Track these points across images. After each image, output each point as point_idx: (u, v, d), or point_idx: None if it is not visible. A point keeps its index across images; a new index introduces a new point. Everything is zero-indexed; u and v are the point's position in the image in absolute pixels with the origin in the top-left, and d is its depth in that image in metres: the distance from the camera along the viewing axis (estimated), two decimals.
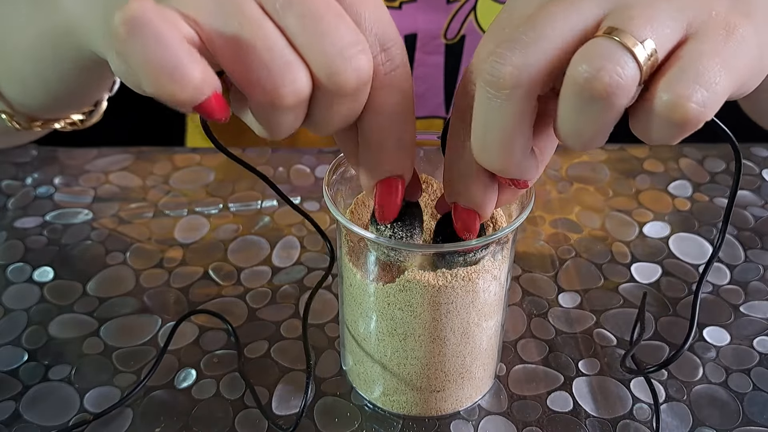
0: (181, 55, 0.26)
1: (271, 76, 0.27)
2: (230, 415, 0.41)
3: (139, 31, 0.25)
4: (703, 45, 0.27)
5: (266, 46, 0.27)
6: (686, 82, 0.26)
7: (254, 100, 0.28)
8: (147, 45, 0.25)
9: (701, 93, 0.26)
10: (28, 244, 0.53)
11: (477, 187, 0.31)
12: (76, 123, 0.50)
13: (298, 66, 0.27)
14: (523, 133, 0.28)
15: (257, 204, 0.56)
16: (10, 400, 0.41)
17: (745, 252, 0.53)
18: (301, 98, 0.28)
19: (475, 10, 0.61)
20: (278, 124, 0.29)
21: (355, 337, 0.39)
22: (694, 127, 0.26)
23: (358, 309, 0.38)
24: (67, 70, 0.41)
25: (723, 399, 0.42)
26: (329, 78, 0.28)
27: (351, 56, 0.28)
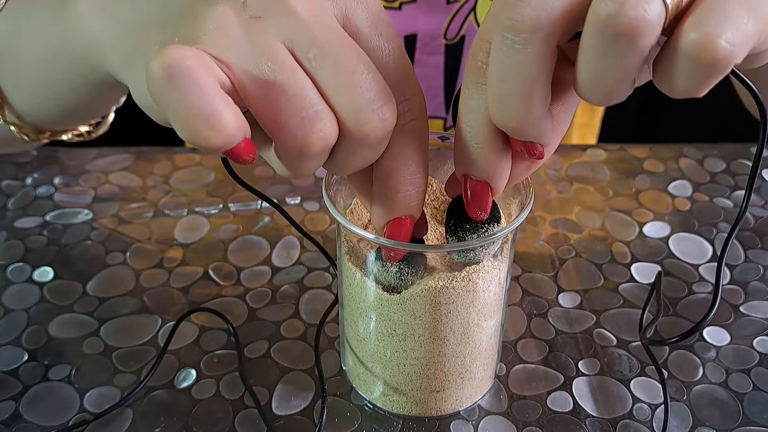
0: (217, 102, 0.26)
1: (302, 123, 0.28)
2: (230, 415, 0.41)
3: (177, 78, 0.26)
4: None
5: (298, 94, 0.28)
6: (715, 20, 0.25)
7: (281, 145, 0.29)
8: (184, 92, 0.26)
9: (731, 32, 0.25)
10: (28, 244, 0.53)
11: (490, 154, 0.31)
12: (83, 134, 0.50)
13: (327, 115, 0.28)
14: (543, 83, 0.27)
15: (257, 204, 0.56)
16: (10, 400, 0.41)
17: (745, 252, 0.53)
18: (327, 145, 0.29)
19: (474, 11, 0.61)
20: (301, 167, 0.30)
21: (355, 337, 0.39)
22: (723, 70, 0.25)
23: (358, 309, 0.38)
24: (80, 87, 0.41)
25: (723, 399, 0.42)
26: (357, 128, 0.28)
27: (378, 108, 0.28)
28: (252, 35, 0.28)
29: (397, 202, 0.32)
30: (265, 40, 0.28)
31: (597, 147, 0.63)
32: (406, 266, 0.35)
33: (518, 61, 0.27)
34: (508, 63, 0.27)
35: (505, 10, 0.27)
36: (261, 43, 0.28)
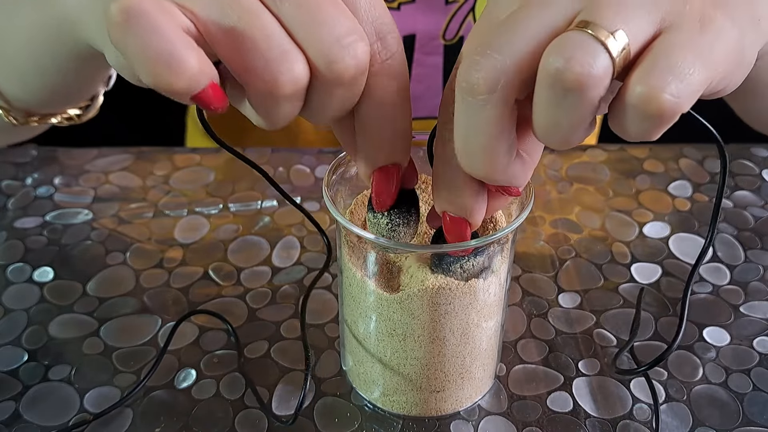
0: (177, 43, 0.26)
1: (269, 65, 0.27)
2: (230, 415, 0.41)
3: (136, 20, 0.25)
4: (677, 37, 0.27)
5: (264, 36, 0.27)
6: (659, 73, 0.26)
7: (252, 89, 0.28)
8: (143, 35, 0.25)
9: (675, 84, 0.25)
10: (28, 244, 0.53)
11: (466, 195, 0.31)
12: (72, 118, 0.50)
13: (295, 55, 0.27)
14: (505, 137, 0.28)
15: (257, 204, 0.56)
16: (10, 400, 0.41)
17: (745, 252, 0.53)
18: (298, 87, 0.28)
19: (473, 11, 0.61)
20: (276, 113, 0.29)
21: (355, 337, 0.39)
22: (669, 120, 0.26)
23: (358, 309, 0.38)
24: (64, 63, 0.41)
25: (723, 399, 0.42)
26: (327, 66, 0.28)
27: (348, 44, 0.28)
28: None
29: (380, 149, 0.31)
30: None
31: (597, 147, 0.63)
32: (397, 216, 0.34)
33: (479, 120, 0.28)
34: (470, 123, 0.28)
35: (463, 72, 0.28)
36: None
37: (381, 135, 0.31)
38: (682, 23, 0.27)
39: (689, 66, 0.26)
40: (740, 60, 0.29)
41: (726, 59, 0.28)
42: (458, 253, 0.34)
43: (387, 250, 0.36)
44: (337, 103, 0.29)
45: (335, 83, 0.28)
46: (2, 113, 0.46)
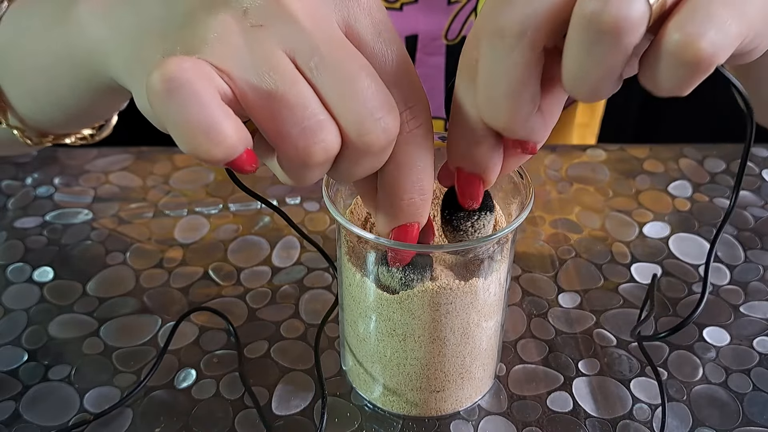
0: (217, 114, 0.26)
1: (304, 134, 0.27)
2: (230, 415, 0.41)
3: (178, 91, 0.25)
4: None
5: (300, 104, 0.27)
6: (698, 21, 0.25)
7: (284, 154, 0.29)
8: (185, 105, 0.26)
9: (713, 33, 0.25)
10: (28, 244, 0.53)
11: (482, 149, 0.31)
12: (86, 138, 0.49)
13: (329, 125, 0.28)
14: (530, 85, 0.28)
15: (257, 204, 0.56)
16: (10, 400, 0.42)
17: (745, 252, 0.53)
18: (330, 156, 0.28)
19: (476, 11, 0.61)
20: (305, 176, 0.29)
21: (355, 337, 0.39)
22: (706, 70, 0.26)
23: (358, 309, 0.38)
24: (82, 92, 0.41)
25: (723, 399, 0.42)
26: (359, 138, 0.28)
27: (381, 117, 0.28)
28: (253, 44, 0.28)
29: (401, 210, 0.32)
30: (266, 49, 0.28)
31: (597, 147, 0.63)
32: (412, 272, 0.35)
33: (505, 65, 0.27)
34: (495, 67, 0.28)
35: (492, 14, 0.27)
36: (262, 52, 0.28)
37: (402, 197, 0.31)
38: None
39: (726, 18, 0.26)
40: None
41: (760, 17, 0.27)
42: (468, 204, 0.34)
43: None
44: (363, 169, 0.30)
45: (365, 153, 0.29)
46: (17, 134, 0.46)
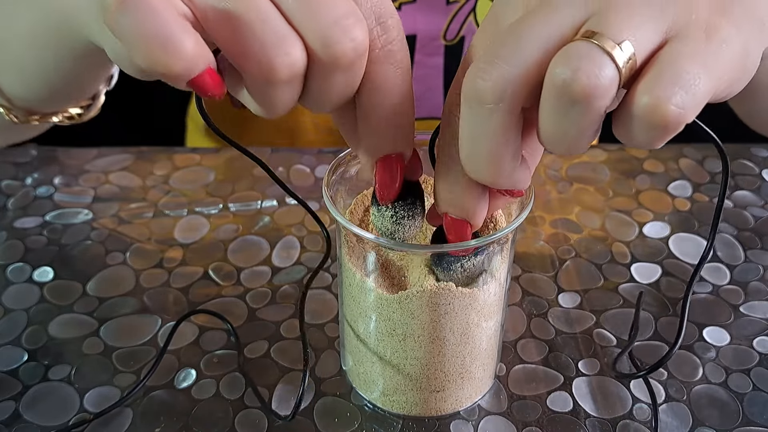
0: (173, 26, 0.25)
1: (265, 49, 0.27)
2: (230, 415, 0.41)
3: (131, 3, 0.25)
4: (683, 47, 0.27)
5: (260, 19, 0.27)
6: (665, 83, 0.26)
7: (249, 74, 0.28)
8: (138, 17, 0.25)
9: (681, 95, 0.26)
10: (28, 244, 0.53)
11: (468, 197, 0.31)
12: (74, 117, 0.49)
13: (292, 38, 0.27)
14: (511, 145, 0.28)
15: (257, 204, 0.56)
16: (10, 400, 0.42)
17: (745, 252, 0.53)
18: (295, 71, 0.28)
19: (474, 11, 0.61)
20: (274, 99, 0.29)
21: (355, 337, 0.39)
22: (674, 130, 0.26)
23: (358, 309, 0.38)
24: (64, 59, 0.41)
25: (723, 399, 0.42)
26: (324, 49, 0.27)
27: (346, 27, 0.27)
28: None
29: (383, 137, 0.31)
30: None
31: (597, 147, 0.63)
32: (402, 209, 0.34)
33: (485, 128, 0.28)
34: (475, 129, 0.28)
35: (470, 80, 0.28)
36: None
37: (383, 123, 0.31)
38: (688, 32, 0.27)
39: (695, 76, 0.26)
40: (744, 66, 0.29)
41: (731, 67, 0.28)
42: (459, 253, 0.34)
43: (387, 250, 0.36)
44: (336, 89, 0.29)
45: (333, 67, 0.28)
46: (3, 111, 0.46)
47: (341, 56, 0.27)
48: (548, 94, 0.26)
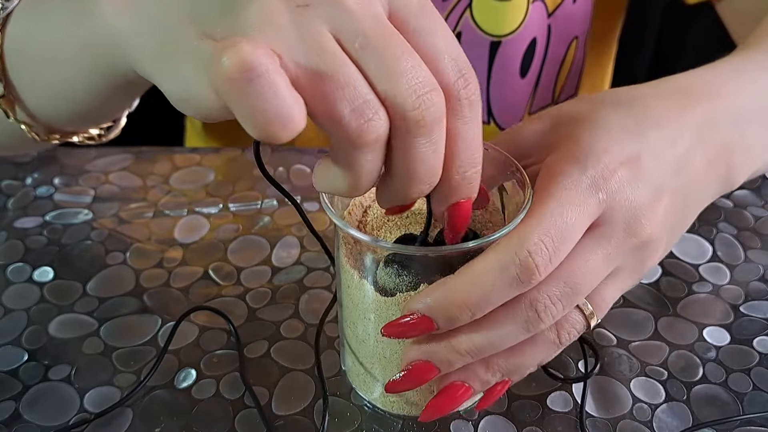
0: (292, 104, 0.27)
1: (354, 112, 0.28)
2: (230, 415, 0.41)
3: (257, 81, 0.26)
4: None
5: (350, 84, 0.28)
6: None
7: (336, 136, 0.29)
8: (263, 95, 0.26)
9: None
10: (28, 244, 0.53)
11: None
12: (94, 138, 0.49)
13: (377, 104, 0.28)
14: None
15: (257, 204, 0.56)
16: (10, 400, 0.42)
17: (745, 252, 0.53)
18: (380, 134, 0.29)
19: (470, 7, 0.61)
20: (360, 165, 0.29)
21: (354, 338, 0.39)
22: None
23: (356, 311, 0.38)
24: (98, 85, 0.40)
25: (723, 399, 0.42)
26: (408, 113, 0.28)
27: (425, 94, 0.29)
28: (300, 25, 0.28)
29: (459, 186, 0.32)
30: (313, 30, 0.28)
31: None
32: (407, 273, 0.35)
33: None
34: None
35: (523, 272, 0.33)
36: (310, 33, 0.28)
37: (458, 172, 0.32)
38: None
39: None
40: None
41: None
42: (457, 254, 0.34)
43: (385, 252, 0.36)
44: (421, 156, 0.30)
45: (417, 129, 0.29)
46: (26, 129, 0.45)
47: (425, 117, 0.29)
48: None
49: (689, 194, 0.39)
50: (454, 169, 0.31)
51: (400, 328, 0.34)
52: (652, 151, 0.37)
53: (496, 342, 0.34)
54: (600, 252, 0.34)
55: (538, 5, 0.62)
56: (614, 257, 0.35)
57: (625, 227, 0.35)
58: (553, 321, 0.34)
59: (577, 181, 0.34)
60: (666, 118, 0.38)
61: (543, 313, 0.34)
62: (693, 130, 0.39)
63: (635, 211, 0.35)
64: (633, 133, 0.37)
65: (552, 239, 0.32)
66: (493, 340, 0.34)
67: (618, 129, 0.37)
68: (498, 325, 0.34)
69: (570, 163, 0.35)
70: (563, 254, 0.33)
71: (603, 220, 0.35)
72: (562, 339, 0.36)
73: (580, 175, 0.34)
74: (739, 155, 0.41)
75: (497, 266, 0.32)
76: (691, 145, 0.38)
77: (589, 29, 0.68)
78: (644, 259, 0.37)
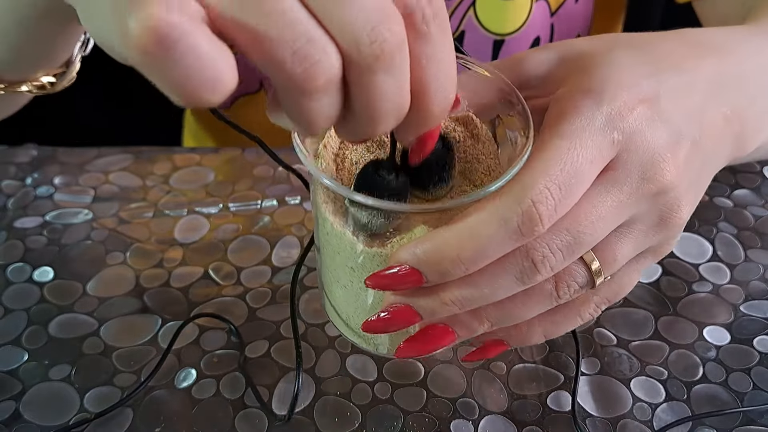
0: (218, 63, 0.23)
1: (297, 55, 0.24)
2: (230, 415, 0.41)
3: (173, 48, 0.22)
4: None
5: (287, 22, 0.24)
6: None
7: (281, 85, 0.25)
8: (183, 62, 0.23)
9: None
10: (28, 244, 0.53)
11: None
12: (45, 86, 0.45)
13: (324, 40, 0.25)
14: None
15: (257, 204, 0.56)
16: (10, 400, 0.42)
17: (745, 251, 0.53)
18: (331, 76, 0.25)
19: (474, 6, 0.61)
20: (312, 112, 0.26)
21: (335, 282, 0.37)
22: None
23: (339, 260, 0.35)
24: (29, 20, 0.38)
25: (723, 399, 0.42)
26: (359, 51, 0.25)
27: (380, 23, 0.25)
28: None
29: (428, 117, 0.28)
30: None
31: None
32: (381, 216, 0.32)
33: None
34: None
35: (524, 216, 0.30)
36: None
37: (434, 100, 0.28)
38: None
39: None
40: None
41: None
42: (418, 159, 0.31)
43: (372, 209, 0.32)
44: (384, 93, 0.26)
45: (374, 64, 0.25)
46: None
47: (384, 50, 0.25)
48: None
49: (707, 150, 0.35)
50: (422, 100, 0.27)
51: (385, 279, 0.31)
52: (671, 94, 0.33)
53: (487, 294, 0.31)
54: (610, 198, 0.31)
55: (542, 4, 0.62)
56: (627, 205, 0.31)
57: (641, 171, 0.31)
58: (552, 273, 0.31)
59: (591, 119, 0.31)
60: (683, 65, 0.35)
61: (540, 263, 0.30)
62: (708, 83, 0.35)
63: (653, 154, 0.31)
64: (651, 72, 0.33)
65: (559, 187, 0.29)
66: (484, 293, 0.31)
67: (636, 65, 0.33)
68: (490, 277, 0.31)
69: (583, 98, 0.32)
70: (571, 203, 0.30)
71: (616, 163, 0.31)
72: (560, 292, 0.33)
73: (594, 112, 0.31)
74: (752, 119, 0.37)
75: (497, 217, 0.29)
76: (707, 98, 0.35)
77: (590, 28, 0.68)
78: (664, 213, 0.33)
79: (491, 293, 0.31)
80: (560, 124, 0.31)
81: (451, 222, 0.31)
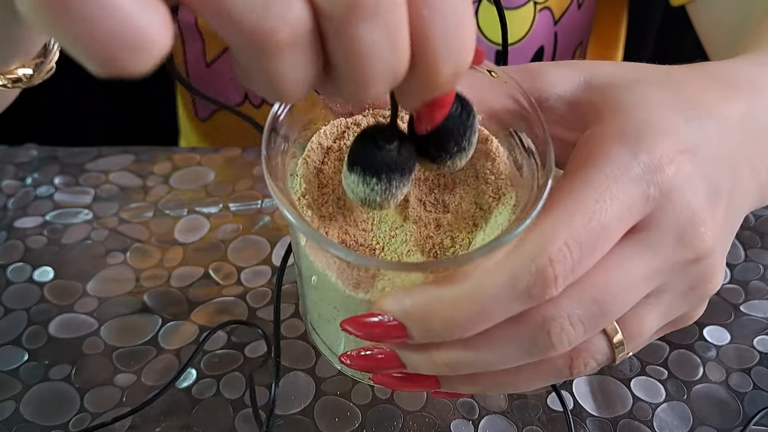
0: (144, 19, 0.18)
1: (254, 8, 0.19)
2: (230, 415, 0.41)
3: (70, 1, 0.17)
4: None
5: None
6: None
7: (238, 45, 0.20)
8: (93, 19, 0.18)
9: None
10: (28, 244, 0.53)
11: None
12: (21, 79, 0.41)
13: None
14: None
15: (257, 204, 0.56)
16: (10, 400, 0.42)
17: (745, 251, 0.53)
18: (299, 31, 0.20)
19: (476, 16, 0.61)
20: (277, 76, 0.21)
21: (320, 318, 0.35)
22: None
23: (322, 299, 0.32)
24: None
25: (723, 399, 0.42)
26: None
27: None
28: None
29: (436, 83, 0.22)
30: None
31: None
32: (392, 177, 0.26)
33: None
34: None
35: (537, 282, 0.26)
36: None
37: (442, 67, 0.22)
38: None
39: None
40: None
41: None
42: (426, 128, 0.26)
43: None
44: (371, 47, 0.21)
45: (353, 13, 0.20)
46: None
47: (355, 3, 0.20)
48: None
49: (737, 205, 0.31)
50: (425, 61, 0.22)
51: (363, 328, 0.27)
52: (709, 143, 0.29)
53: (488, 362, 0.27)
54: (643, 265, 0.27)
55: (545, 13, 0.62)
56: (659, 273, 0.27)
57: (678, 236, 0.27)
58: (569, 348, 0.26)
59: (625, 168, 0.27)
60: (716, 109, 0.30)
61: (557, 336, 0.26)
62: (739, 129, 0.31)
63: (693, 215, 0.27)
64: (688, 118, 0.29)
65: (580, 245, 0.25)
66: (485, 360, 0.27)
67: (670, 108, 0.29)
68: (495, 343, 0.26)
69: (617, 143, 0.27)
70: (589, 266, 0.26)
71: (649, 223, 0.27)
72: (575, 370, 0.28)
73: (629, 160, 0.27)
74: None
75: (506, 274, 0.25)
76: (737, 147, 0.31)
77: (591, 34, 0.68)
78: (696, 282, 0.29)
79: (493, 362, 0.27)
80: (588, 168, 0.27)
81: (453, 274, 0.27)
